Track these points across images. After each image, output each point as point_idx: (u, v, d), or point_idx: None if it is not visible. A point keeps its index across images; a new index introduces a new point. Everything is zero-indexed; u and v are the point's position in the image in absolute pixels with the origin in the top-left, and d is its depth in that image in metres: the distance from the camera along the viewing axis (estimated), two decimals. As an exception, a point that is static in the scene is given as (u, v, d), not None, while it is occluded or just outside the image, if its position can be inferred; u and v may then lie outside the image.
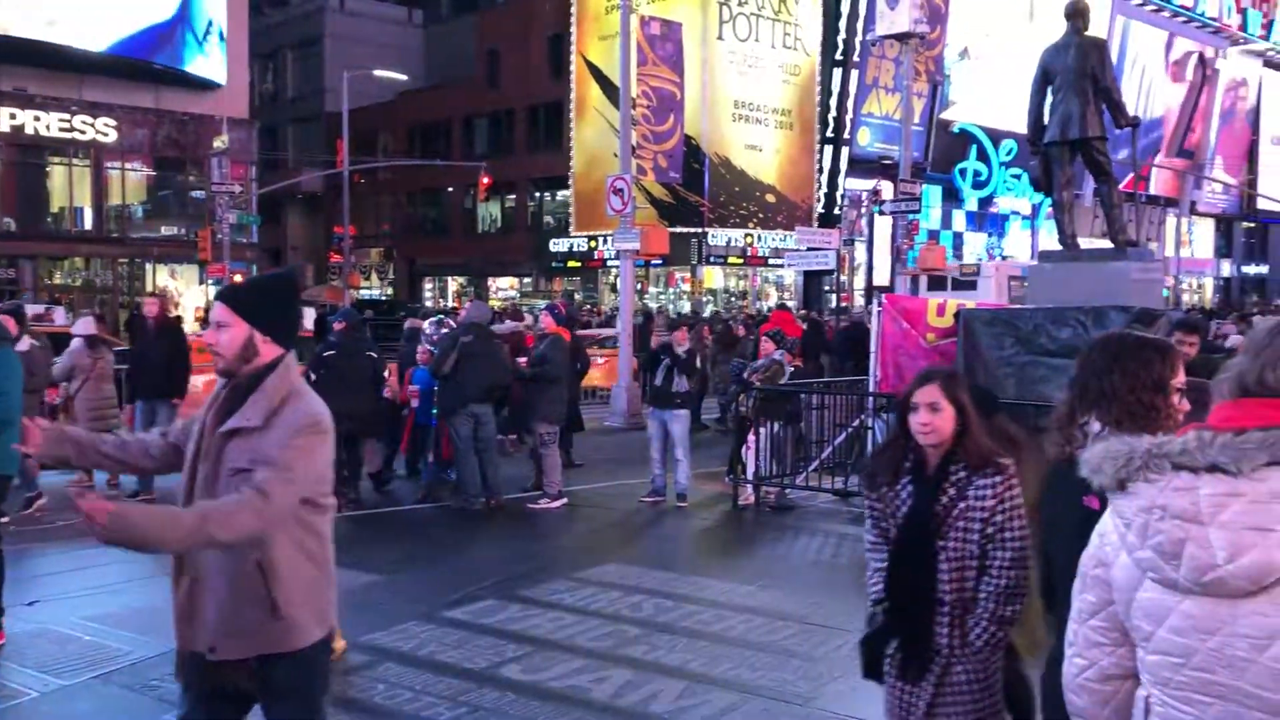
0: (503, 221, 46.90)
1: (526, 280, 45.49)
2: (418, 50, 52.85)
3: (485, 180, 36.33)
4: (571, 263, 41.08)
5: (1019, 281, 24.19)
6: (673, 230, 26.04)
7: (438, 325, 11.87)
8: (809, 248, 21.51)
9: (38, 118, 32.69)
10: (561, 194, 41.80)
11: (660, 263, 32.51)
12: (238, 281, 13.19)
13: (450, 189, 47.80)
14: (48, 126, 32.95)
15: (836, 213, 36.28)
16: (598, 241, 37.54)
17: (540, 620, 6.74)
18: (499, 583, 7.62)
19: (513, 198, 45.51)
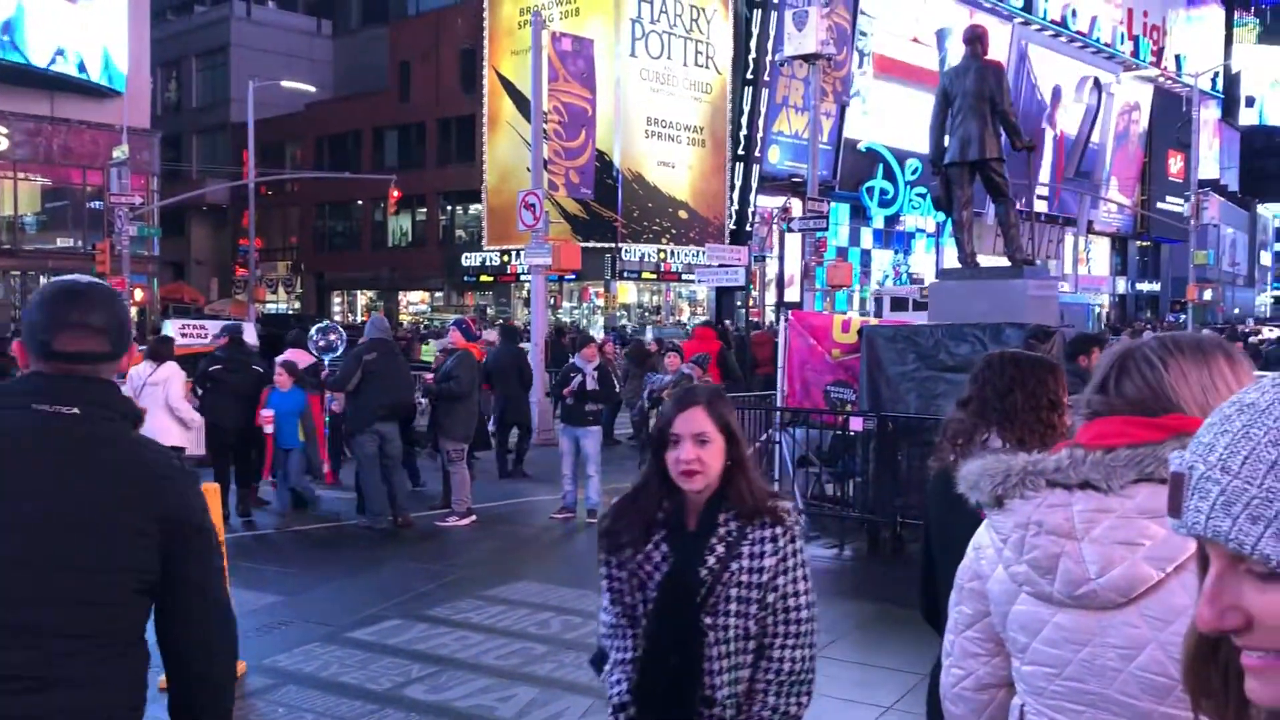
0: (414, 235, 46.35)
1: (438, 294, 45.06)
2: (327, 61, 52.02)
3: (395, 193, 35.86)
4: (484, 277, 40.78)
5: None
6: (586, 245, 26.02)
7: (323, 333, 11.65)
8: (720, 264, 21.67)
9: (-76, 125, 31.56)
10: (474, 208, 41.52)
11: (574, 278, 32.50)
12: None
13: (360, 202, 47.07)
14: (-65, 134, 31.83)
15: (748, 229, 36.74)
16: (511, 256, 37.34)
17: (446, 639, 6.67)
18: (405, 602, 7.53)
19: (424, 211, 45.02)
